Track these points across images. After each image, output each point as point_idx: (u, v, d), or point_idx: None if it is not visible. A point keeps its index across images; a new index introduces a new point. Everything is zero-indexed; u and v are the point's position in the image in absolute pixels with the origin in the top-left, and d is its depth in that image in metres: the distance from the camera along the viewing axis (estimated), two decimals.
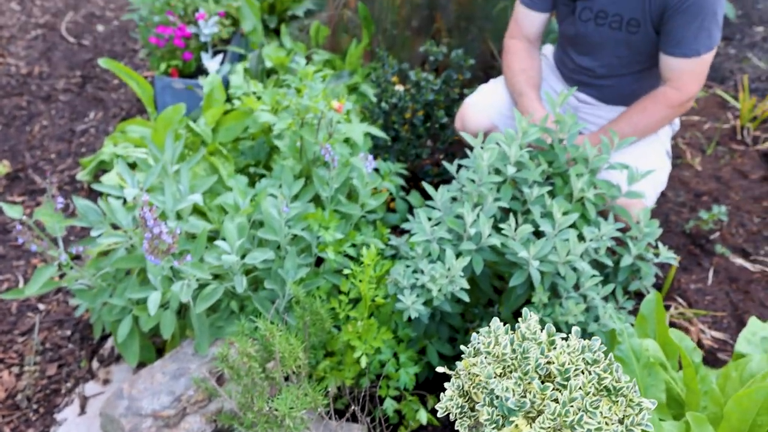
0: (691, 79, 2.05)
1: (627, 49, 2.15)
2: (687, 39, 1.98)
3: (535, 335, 1.00)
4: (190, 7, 3.07)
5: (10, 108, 3.21)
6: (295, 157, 2.03)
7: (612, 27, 2.12)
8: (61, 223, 1.73)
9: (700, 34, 1.96)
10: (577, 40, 2.28)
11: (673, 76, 2.06)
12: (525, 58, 2.31)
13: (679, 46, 2.00)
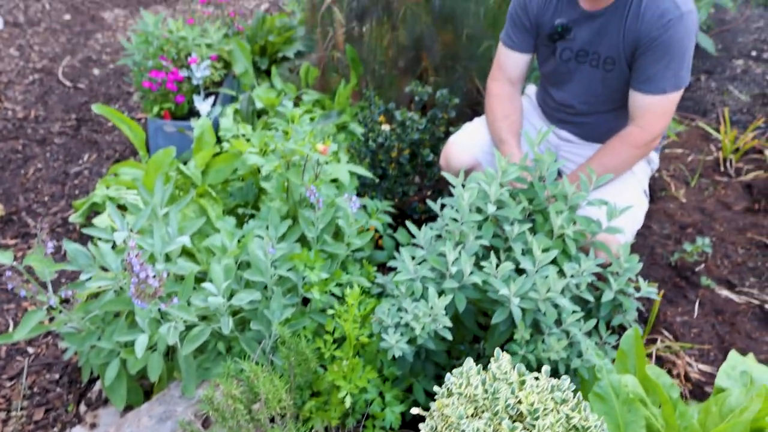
0: (655, 118, 2.11)
1: (604, 86, 2.21)
2: (654, 76, 2.04)
3: (506, 375, 1.03)
4: (183, 52, 3.15)
5: (6, 152, 3.27)
6: (282, 198, 2.07)
7: (591, 65, 2.19)
8: (50, 268, 1.76)
9: (667, 73, 2.02)
10: (557, 79, 2.35)
11: (639, 114, 2.13)
12: (507, 103, 2.38)
13: (646, 83, 2.06)
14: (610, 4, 2.07)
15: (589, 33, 2.14)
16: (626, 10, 2.05)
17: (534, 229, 1.98)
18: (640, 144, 2.15)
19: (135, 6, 5.04)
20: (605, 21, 2.10)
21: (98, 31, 4.59)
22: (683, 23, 1.97)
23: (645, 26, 2.01)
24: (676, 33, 1.97)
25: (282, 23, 3.79)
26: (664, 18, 1.98)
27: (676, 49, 2.00)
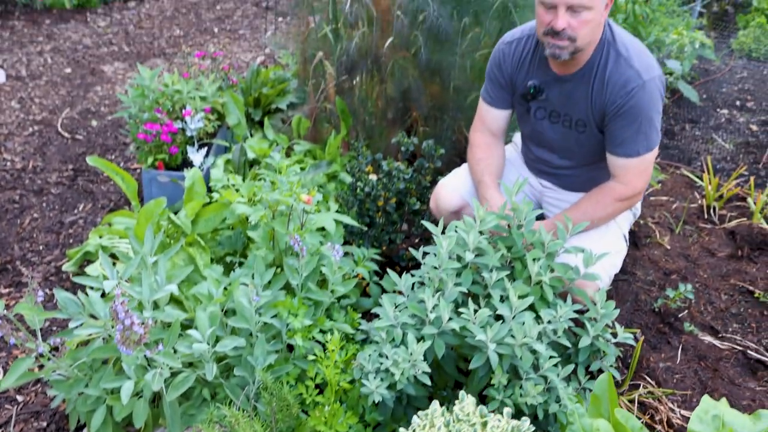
0: (635, 176, 2.20)
1: (578, 145, 2.31)
2: (627, 141, 2.14)
3: (468, 417, 1.07)
4: (178, 104, 3.25)
5: (3, 202, 3.34)
6: (268, 247, 2.13)
7: (564, 125, 2.29)
8: (40, 316, 1.81)
9: (638, 137, 2.12)
10: (533, 135, 2.45)
11: (619, 173, 2.22)
12: (485, 150, 2.46)
13: (621, 147, 2.16)
14: (577, 70, 2.18)
15: (559, 96, 2.25)
16: (593, 77, 2.15)
17: (513, 276, 2.03)
18: (623, 198, 2.23)
19: (134, 59, 5.19)
20: (573, 86, 2.20)
21: (98, 84, 4.72)
22: (646, 91, 2.07)
23: (610, 94, 2.12)
24: (641, 100, 2.08)
25: (276, 76, 3.91)
26: (627, 86, 2.08)
27: (643, 115, 2.10)
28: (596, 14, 2.02)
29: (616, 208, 2.26)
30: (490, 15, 3.14)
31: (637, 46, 2.18)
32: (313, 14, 3.35)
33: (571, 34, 2.04)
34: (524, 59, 2.31)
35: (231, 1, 6.75)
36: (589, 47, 2.13)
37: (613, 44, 2.15)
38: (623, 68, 2.11)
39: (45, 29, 5.66)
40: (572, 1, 1.98)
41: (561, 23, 2.02)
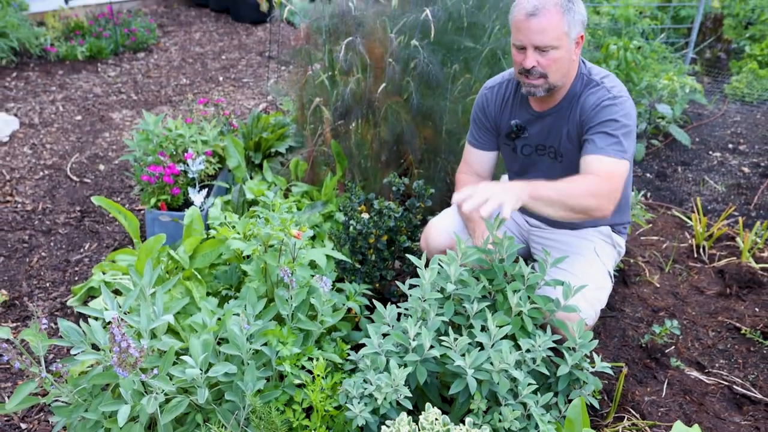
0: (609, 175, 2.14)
1: (564, 173, 2.40)
2: (593, 140, 2.18)
3: (432, 425, 1.15)
4: (180, 148, 3.39)
5: (14, 242, 3.46)
6: (261, 280, 2.23)
7: (550, 157, 2.41)
8: (44, 342, 1.90)
9: (610, 140, 2.15)
10: (522, 170, 2.56)
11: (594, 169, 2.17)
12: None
13: (593, 145, 2.18)
14: (555, 105, 2.32)
15: (540, 130, 2.39)
16: (569, 108, 2.29)
17: (495, 308, 2.12)
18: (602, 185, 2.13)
19: (142, 107, 5.38)
20: (553, 120, 2.34)
21: (106, 131, 4.89)
22: (616, 105, 2.19)
23: (584, 114, 2.25)
24: (609, 111, 2.19)
25: (276, 121, 4.07)
26: (600, 101, 2.22)
27: (611, 122, 2.17)
28: (564, 52, 2.17)
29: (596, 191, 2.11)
30: (480, 62, 3.29)
31: (609, 76, 2.32)
32: (311, 63, 3.51)
33: (542, 71, 2.19)
34: (506, 101, 2.46)
35: (236, 51, 6.99)
36: (565, 83, 2.27)
37: (589, 76, 2.30)
38: (595, 90, 2.26)
39: (58, 79, 5.88)
40: (538, 42, 2.14)
41: (530, 62, 2.18)
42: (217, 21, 8.05)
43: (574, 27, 2.16)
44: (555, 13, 2.12)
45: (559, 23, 2.13)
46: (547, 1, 2.13)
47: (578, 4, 2.18)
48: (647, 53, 5.51)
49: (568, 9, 2.14)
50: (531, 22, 2.13)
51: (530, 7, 2.13)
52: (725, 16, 7.10)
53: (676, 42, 6.89)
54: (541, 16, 2.12)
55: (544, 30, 2.13)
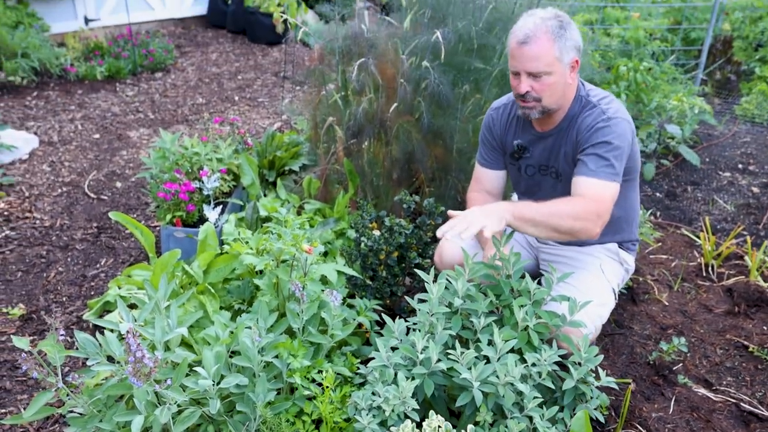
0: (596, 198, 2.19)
1: (566, 194, 2.46)
2: (589, 162, 2.24)
3: (435, 431, 1.19)
4: (196, 165, 3.47)
5: (32, 257, 3.54)
6: (273, 294, 2.28)
7: (552, 177, 2.47)
8: (61, 353, 1.96)
9: (600, 161, 2.22)
10: (528, 191, 2.62)
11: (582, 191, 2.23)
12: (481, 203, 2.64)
13: (583, 166, 2.25)
14: (555, 126, 2.39)
15: (542, 151, 2.46)
16: (567, 129, 2.36)
17: (502, 322, 2.16)
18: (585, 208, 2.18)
19: (159, 126, 5.48)
20: (554, 141, 2.41)
21: (123, 149, 4.99)
22: (609, 126, 2.25)
23: (580, 135, 2.32)
24: (603, 133, 2.25)
25: (290, 140, 4.14)
26: (595, 121, 2.29)
27: (606, 143, 2.23)
28: (558, 77, 2.24)
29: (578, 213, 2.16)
30: (490, 82, 3.36)
31: (610, 97, 2.38)
32: (324, 83, 3.59)
33: (536, 96, 2.26)
34: (511, 121, 2.53)
35: (251, 72, 7.11)
36: (563, 105, 2.34)
37: (587, 97, 2.36)
38: (593, 111, 2.32)
39: (77, 98, 6.00)
40: (531, 69, 2.23)
41: (523, 87, 2.26)
42: (233, 42, 8.19)
43: (567, 52, 2.23)
44: (546, 41, 2.19)
45: (550, 50, 2.20)
46: (538, 29, 2.20)
47: (570, 30, 2.24)
48: (657, 74, 5.56)
49: (560, 36, 2.21)
50: (523, 49, 2.22)
51: (522, 35, 2.21)
52: (735, 38, 7.14)
53: (686, 64, 6.94)
54: (532, 44, 2.20)
55: (535, 57, 2.21)
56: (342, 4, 3.65)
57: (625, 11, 7.13)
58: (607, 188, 2.21)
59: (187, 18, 8.61)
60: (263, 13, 7.88)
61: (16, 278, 3.35)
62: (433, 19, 3.37)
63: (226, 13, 8.41)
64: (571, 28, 2.24)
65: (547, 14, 2.25)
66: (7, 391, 2.63)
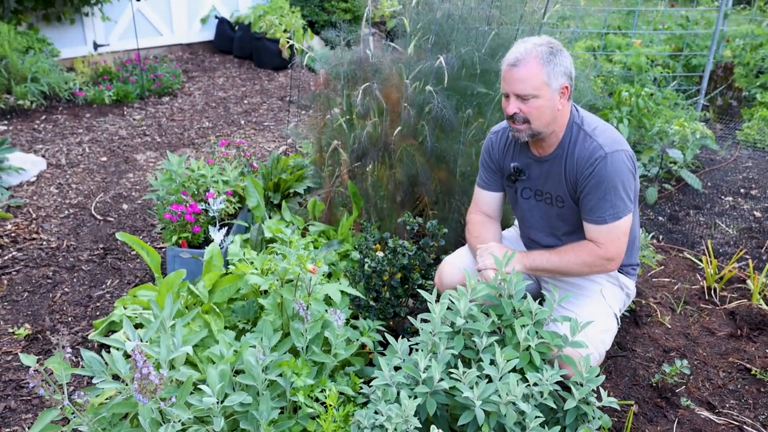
0: (607, 241, 2.38)
1: (560, 220, 2.54)
2: (594, 207, 2.36)
3: None
4: (202, 188, 3.51)
5: (38, 278, 3.57)
6: (277, 313, 2.31)
7: (546, 202, 2.52)
8: (67, 371, 1.98)
9: (605, 204, 2.33)
10: (524, 217, 2.69)
11: (593, 238, 2.41)
12: (481, 227, 2.71)
13: (589, 213, 2.38)
14: (552, 151, 2.45)
15: (539, 175, 2.51)
16: (565, 156, 2.42)
17: (504, 342, 2.18)
18: (596, 256, 2.40)
19: (165, 149, 5.54)
20: (550, 166, 2.46)
21: (130, 171, 5.05)
22: (608, 161, 2.31)
23: (578, 167, 2.38)
24: (604, 170, 2.31)
25: (295, 163, 4.19)
26: (591, 158, 2.34)
27: (607, 183, 2.32)
28: (545, 101, 2.30)
29: (588, 262, 2.41)
30: (493, 107, 3.41)
31: (602, 125, 2.44)
32: (329, 107, 3.64)
33: (525, 117, 2.34)
34: (509, 145, 2.59)
35: (257, 96, 7.20)
36: (554, 130, 2.40)
37: (581, 125, 2.42)
38: (588, 143, 2.37)
39: (85, 122, 6.08)
40: (518, 91, 2.30)
41: (511, 108, 2.35)
42: (240, 67, 8.29)
43: (556, 78, 2.29)
44: (534, 65, 2.27)
45: (539, 74, 2.27)
46: (529, 54, 2.27)
47: (561, 57, 2.31)
48: (659, 100, 5.61)
49: (549, 61, 2.28)
50: (512, 72, 2.30)
51: (512, 58, 2.30)
52: (736, 65, 7.21)
53: (688, 89, 7.00)
54: (521, 67, 2.28)
55: (523, 80, 2.28)
56: (347, 30, 3.72)
57: (626, 38, 7.22)
58: (617, 228, 2.36)
59: (194, 43, 8.74)
60: (270, 39, 8.01)
61: (23, 299, 3.38)
62: (436, 45, 3.43)
63: (233, 38, 8.53)
64: (561, 55, 2.31)
65: (540, 41, 2.33)
66: (12, 410, 2.65)
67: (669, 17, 8.54)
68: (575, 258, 2.40)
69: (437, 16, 3.39)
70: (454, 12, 3.49)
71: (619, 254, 2.39)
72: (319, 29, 8.90)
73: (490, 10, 3.47)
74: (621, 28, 8.33)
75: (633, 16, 8.25)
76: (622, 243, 2.39)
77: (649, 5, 9.85)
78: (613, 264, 2.41)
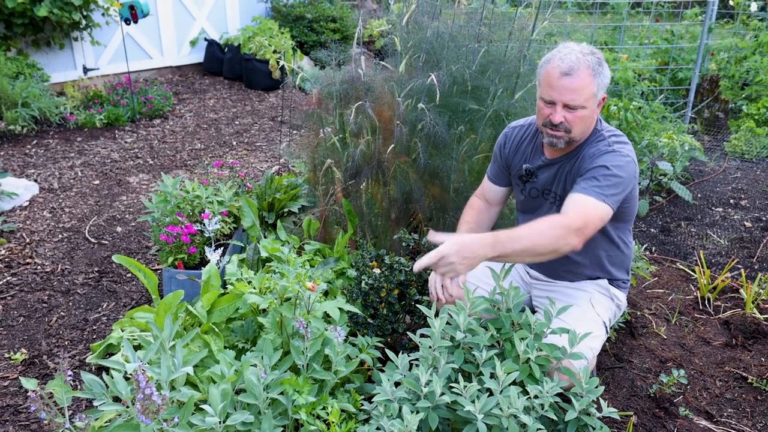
0: (578, 212, 2.21)
1: None
2: (581, 182, 2.31)
3: None
4: (197, 208, 3.52)
5: (33, 302, 3.56)
6: (277, 332, 2.31)
7: (550, 202, 2.55)
8: (68, 394, 1.98)
9: (592, 183, 2.27)
10: (528, 210, 2.71)
11: (567, 206, 2.27)
12: (476, 214, 2.82)
13: (576, 185, 2.32)
14: (564, 154, 2.45)
15: (549, 176, 2.53)
16: (575, 157, 2.42)
17: (503, 355, 2.19)
18: (561, 224, 2.20)
19: (158, 171, 5.55)
20: (560, 167, 2.48)
21: (123, 194, 5.05)
22: (610, 154, 2.32)
23: (584, 163, 2.38)
24: (602, 159, 2.32)
25: (289, 182, 4.21)
26: (596, 152, 2.36)
27: (601, 168, 2.29)
28: (590, 112, 2.32)
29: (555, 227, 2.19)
30: (485, 123, 3.44)
31: (617, 134, 2.45)
32: (322, 126, 3.67)
33: (567, 127, 2.33)
34: (521, 143, 2.62)
35: (249, 117, 7.22)
36: (582, 137, 2.41)
37: (599, 131, 2.43)
38: (599, 143, 2.40)
39: (77, 146, 6.08)
40: (569, 101, 2.28)
41: (558, 118, 2.31)
42: (230, 88, 8.33)
43: (601, 89, 2.31)
44: (587, 76, 2.25)
45: (590, 85, 2.27)
46: (581, 63, 2.25)
47: (605, 68, 2.32)
48: (647, 113, 5.68)
49: (598, 72, 2.28)
50: (564, 80, 2.26)
51: (565, 66, 2.25)
52: (721, 78, 7.31)
53: (675, 102, 7.09)
54: (575, 77, 2.25)
55: (576, 90, 2.26)
56: (337, 50, 3.76)
57: (613, 53, 7.31)
58: (596, 207, 2.22)
59: (184, 66, 8.77)
60: (259, 60, 8.05)
61: (18, 324, 3.37)
62: (427, 63, 3.47)
63: (223, 60, 8.57)
64: (605, 66, 2.31)
65: (585, 49, 2.30)
66: None
67: (654, 32, 8.67)
68: (541, 225, 2.20)
69: (427, 35, 3.44)
70: (443, 30, 3.53)
71: (586, 234, 2.20)
72: (308, 50, 8.96)
73: (480, 27, 3.52)
74: (608, 43, 8.44)
75: (619, 31, 8.36)
76: (592, 225, 2.22)
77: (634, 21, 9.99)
78: (578, 238, 2.18)
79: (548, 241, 2.16)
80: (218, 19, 8.94)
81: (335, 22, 9.13)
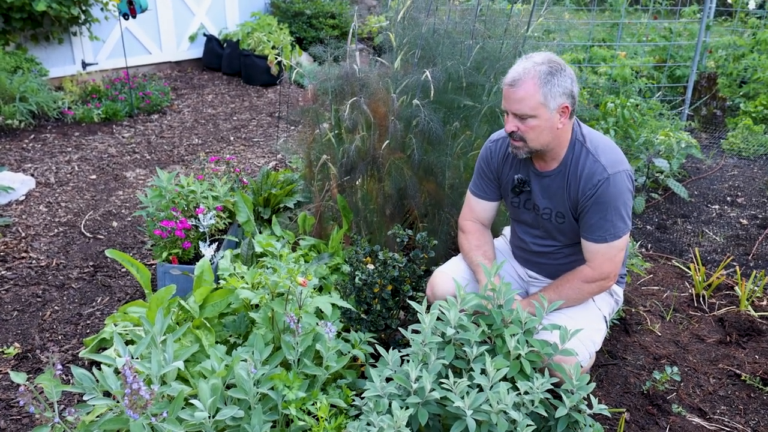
0: (603, 261, 2.41)
1: (560, 233, 2.54)
2: (594, 226, 2.38)
3: None
4: (192, 204, 3.52)
5: (27, 296, 3.56)
6: (268, 327, 2.31)
7: (543, 218, 2.54)
8: (57, 388, 1.98)
9: (605, 225, 2.35)
10: (527, 225, 2.69)
11: (589, 257, 2.44)
12: (478, 237, 2.73)
13: (589, 232, 2.40)
14: (555, 167, 2.46)
15: (540, 189, 2.52)
16: (567, 174, 2.43)
17: (494, 352, 2.19)
18: (591, 280, 2.43)
19: (155, 166, 5.55)
20: (551, 181, 2.47)
21: (120, 189, 5.05)
22: (611, 183, 2.33)
23: (580, 186, 2.39)
24: (606, 191, 2.33)
25: (285, 177, 4.20)
26: (594, 179, 2.35)
27: (610, 205, 2.34)
28: (542, 121, 2.31)
29: (585, 289, 2.46)
30: (479, 119, 3.44)
31: (604, 143, 2.43)
32: (318, 122, 3.66)
33: (522, 136, 2.35)
34: (509, 155, 2.58)
35: (247, 112, 7.22)
36: (554, 147, 2.40)
37: (584, 143, 2.42)
38: (591, 163, 2.37)
39: (74, 140, 6.07)
40: (515, 110, 2.32)
41: (509, 127, 2.36)
42: (228, 84, 8.32)
43: (554, 99, 2.28)
44: (531, 86, 2.27)
45: (535, 95, 2.27)
46: (527, 74, 2.28)
47: (561, 77, 2.29)
48: (644, 110, 5.67)
49: (546, 82, 2.27)
50: (510, 91, 2.32)
51: (510, 78, 2.32)
52: (719, 75, 7.31)
53: (673, 100, 7.08)
54: (518, 87, 2.29)
55: (519, 100, 2.29)
56: (335, 46, 3.75)
57: (611, 50, 7.30)
58: (614, 247, 2.40)
59: (183, 61, 8.76)
60: (258, 56, 8.05)
61: (12, 318, 3.37)
62: (422, 59, 3.46)
63: (222, 55, 8.56)
64: (561, 75, 2.29)
65: (541, 59, 2.31)
66: (2, 430, 2.63)
67: (652, 29, 8.65)
68: (572, 290, 2.47)
69: (423, 31, 3.43)
70: (439, 27, 3.53)
71: (615, 270, 2.44)
72: (307, 45, 8.95)
73: (475, 24, 3.51)
74: (606, 40, 8.43)
75: (617, 28, 8.35)
76: (619, 260, 2.43)
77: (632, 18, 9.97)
78: (610, 281, 2.46)
79: (582, 297, 2.52)
80: (217, 15, 8.92)
81: (334, 18, 9.12)
